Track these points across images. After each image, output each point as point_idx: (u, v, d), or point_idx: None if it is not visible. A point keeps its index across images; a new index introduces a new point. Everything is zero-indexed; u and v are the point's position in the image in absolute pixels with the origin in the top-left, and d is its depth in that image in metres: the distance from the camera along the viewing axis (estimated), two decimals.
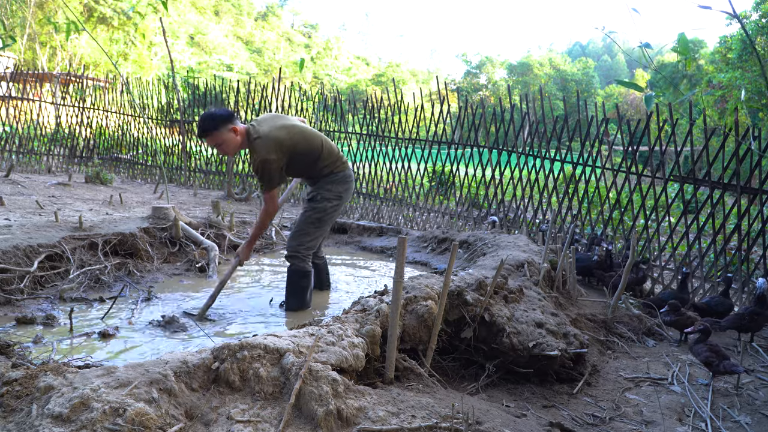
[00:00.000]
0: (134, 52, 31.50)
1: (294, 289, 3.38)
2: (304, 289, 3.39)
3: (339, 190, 3.39)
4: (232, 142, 3.15)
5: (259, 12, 66.97)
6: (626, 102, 34.72)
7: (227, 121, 3.12)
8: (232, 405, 1.70)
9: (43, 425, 1.42)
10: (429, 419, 1.76)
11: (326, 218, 3.39)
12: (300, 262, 3.35)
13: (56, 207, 5.68)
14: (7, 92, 10.87)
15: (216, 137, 3.11)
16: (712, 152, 4.77)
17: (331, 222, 3.49)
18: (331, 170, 3.37)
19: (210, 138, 3.13)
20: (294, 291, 3.39)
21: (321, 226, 3.41)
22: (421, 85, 55.53)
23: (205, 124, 3.10)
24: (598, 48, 78.43)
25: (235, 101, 9.37)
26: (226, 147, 3.17)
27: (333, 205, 3.38)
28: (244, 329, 3.05)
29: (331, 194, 3.37)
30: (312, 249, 3.42)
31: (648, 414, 2.34)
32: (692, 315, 3.32)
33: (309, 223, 3.37)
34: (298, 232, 3.40)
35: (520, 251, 4.01)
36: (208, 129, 3.10)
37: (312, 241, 3.40)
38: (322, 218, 3.38)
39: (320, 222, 3.38)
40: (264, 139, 3.09)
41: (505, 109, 6.21)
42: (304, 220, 3.40)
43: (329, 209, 3.37)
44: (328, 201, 3.35)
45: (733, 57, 15.57)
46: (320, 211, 3.35)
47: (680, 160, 4.78)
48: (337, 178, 3.39)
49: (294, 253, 3.35)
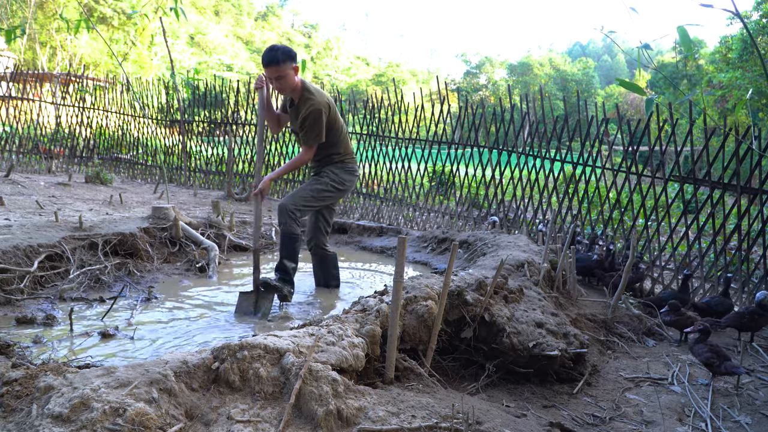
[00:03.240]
0: (134, 52, 31.49)
1: (286, 246, 3.50)
2: (294, 251, 3.51)
3: (344, 178, 3.60)
4: (291, 79, 3.33)
5: (259, 12, 67.01)
6: (626, 102, 34.71)
7: (293, 59, 3.32)
8: (232, 405, 1.69)
9: (43, 425, 1.42)
10: (429, 419, 1.76)
11: (325, 195, 3.54)
12: (288, 222, 3.44)
13: (56, 207, 5.68)
14: (7, 92, 10.87)
15: (280, 69, 3.27)
16: (712, 152, 4.76)
17: (327, 202, 3.62)
18: (342, 159, 3.60)
19: (275, 68, 3.26)
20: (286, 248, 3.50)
21: (318, 198, 3.53)
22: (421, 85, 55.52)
23: (276, 54, 3.26)
24: (598, 48, 78.44)
25: (235, 101, 9.37)
26: (285, 82, 3.32)
27: (335, 187, 3.56)
28: (245, 329, 3.05)
29: (336, 177, 3.56)
30: (302, 213, 3.50)
31: (648, 414, 2.34)
32: (692, 315, 3.32)
33: (309, 190, 3.52)
34: (296, 193, 3.53)
35: (520, 251, 4.01)
36: (276, 58, 3.24)
37: (305, 206, 3.49)
38: (322, 192, 3.52)
39: (318, 194, 3.52)
40: (320, 94, 3.37)
41: (505, 109, 6.21)
42: (305, 186, 3.57)
43: (330, 188, 3.54)
44: (331, 181, 3.54)
45: (734, 57, 15.57)
46: (322, 184, 3.53)
47: (680, 160, 4.78)
48: (345, 168, 3.61)
49: (285, 209, 3.42)
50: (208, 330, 2.98)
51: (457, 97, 10.05)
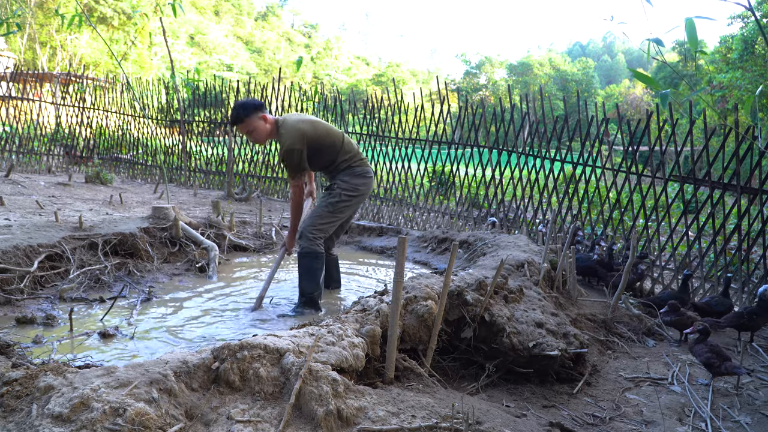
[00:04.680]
0: (134, 52, 31.50)
1: (306, 270, 3.37)
2: (316, 271, 3.39)
3: (356, 183, 3.51)
4: (263, 129, 3.37)
5: (259, 12, 67.03)
6: (626, 102, 34.71)
7: (258, 110, 3.34)
8: (232, 405, 1.69)
9: (43, 425, 1.42)
10: (429, 419, 1.76)
11: (341, 206, 3.47)
12: (310, 243, 3.38)
13: (56, 207, 5.68)
14: (7, 92, 10.87)
15: (248, 125, 3.33)
16: (712, 152, 4.76)
17: (347, 212, 3.56)
18: (348, 165, 3.52)
19: (242, 126, 3.34)
20: (306, 273, 3.37)
21: (335, 212, 3.47)
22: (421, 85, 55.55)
23: (238, 112, 3.33)
24: (598, 48, 78.46)
25: (235, 101, 9.36)
26: (257, 134, 3.38)
27: (348, 195, 3.48)
28: (245, 329, 3.05)
29: (346, 185, 3.48)
30: (323, 233, 3.46)
31: (648, 414, 2.34)
32: (692, 315, 3.32)
33: (323, 207, 3.48)
34: (312, 214, 3.50)
35: (520, 251, 4.01)
36: (239, 118, 3.31)
37: (324, 224, 3.45)
38: (337, 205, 3.46)
39: (334, 208, 3.46)
40: (289, 130, 3.31)
41: (505, 109, 6.21)
42: (319, 205, 3.53)
43: (344, 198, 3.47)
44: (343, 191, 3.47)
45: (734, 57, 15.56)
46: (335, 196, 3.47)
47: (680, 160, 4.77)
48: (354, 172, 3.52)
49: (305, 232, 3.40)
50: (208, 330, 2.98)
51: (457, 97, 10.06)
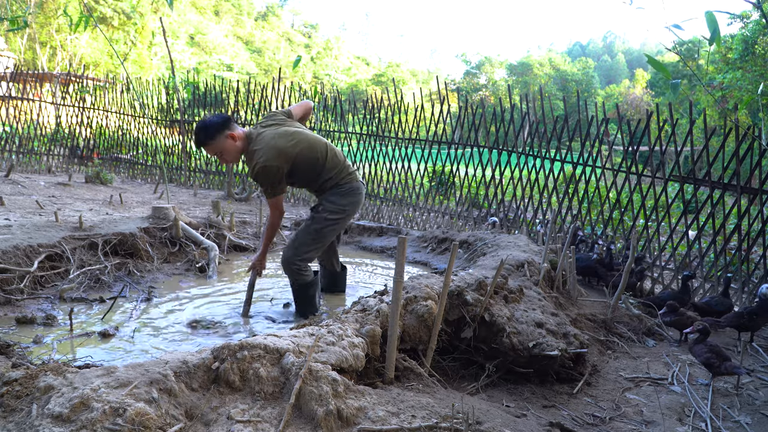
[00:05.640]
0: (134, 52, 31.50)
1: (302, 300, 3.30)
2: (312, 297, 3.30)
3: (343, 204, 3.21)
4: (232, 149, 3.03)
5: (259, 12, 67.05)
6: (626, 102, 34.71)
7: (223, 128, 2.98)
8: (232, 405, 1.69)
9: (43, 425, 1.42)
10: (429, 419, 1.76)
11: (326, 231, 3.20)
12: (298, 276, 3.20)
13: (56, 207, 5.69)
14: (7, 92, 10.87)
15: (214, 147, 3.00)
16: (712, 152, 4.77)
17: (332, 235, 3.30)
18: (336, 182, 3.21)
19: (208, 149, 3.02)
20: (302, 301, 3.30)
21: (319, 238, 3.22)
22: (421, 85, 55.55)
23: (200, 135, 2.98)
24: (598, 48, 78.49)
25: (235, 101, 9.37)
26: (227, 155, 3.05)
27: (334, 218, 3.19)
28: (244, 329, 3.05)
29: (333, 206, 3.19)
30: (309, 260, 3.25)
31: (648, 414, 2.34)
32: (692, 315, 3.32)
33: (307, 233, 3.21)
34: (295, 241, 3.24)
35: (520, 251, 4.01)
36: (204, 140, 2.99)
37: (309, 252, 3.22)
38: (322, 230, 3.19)
39: (318, 234, 3.20)
40: (264, 147, 2.95)
41: (505, 109, 6.21)
42: (303, 229, 3.25)
43: (330, 222, 3.19)
44: (329, 213, 3.18)
45: (734, 57, 15.56)
46: (319, 221, 3.19)
47: (680, 160, 4.78)
48: (342, 191, 3.22)
49: (289, 264, 3.18)
50: (208, 329, 2.98)
51: (456, 97, 10.06)
